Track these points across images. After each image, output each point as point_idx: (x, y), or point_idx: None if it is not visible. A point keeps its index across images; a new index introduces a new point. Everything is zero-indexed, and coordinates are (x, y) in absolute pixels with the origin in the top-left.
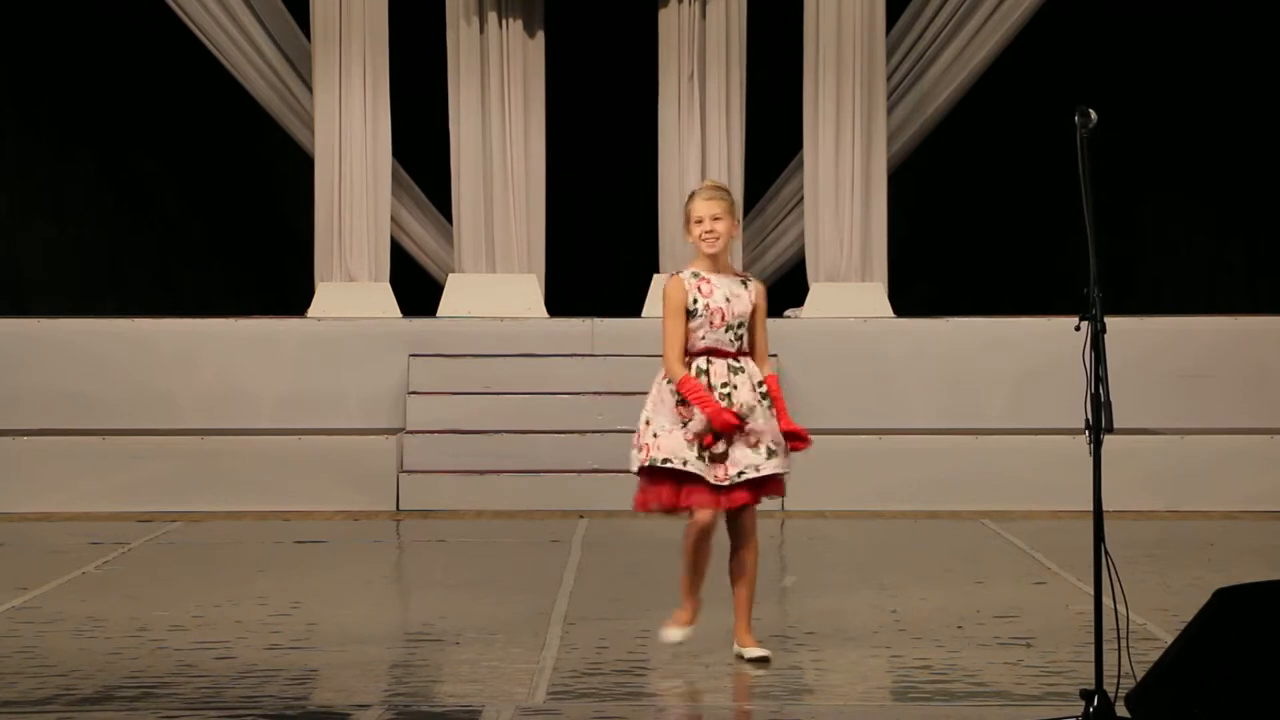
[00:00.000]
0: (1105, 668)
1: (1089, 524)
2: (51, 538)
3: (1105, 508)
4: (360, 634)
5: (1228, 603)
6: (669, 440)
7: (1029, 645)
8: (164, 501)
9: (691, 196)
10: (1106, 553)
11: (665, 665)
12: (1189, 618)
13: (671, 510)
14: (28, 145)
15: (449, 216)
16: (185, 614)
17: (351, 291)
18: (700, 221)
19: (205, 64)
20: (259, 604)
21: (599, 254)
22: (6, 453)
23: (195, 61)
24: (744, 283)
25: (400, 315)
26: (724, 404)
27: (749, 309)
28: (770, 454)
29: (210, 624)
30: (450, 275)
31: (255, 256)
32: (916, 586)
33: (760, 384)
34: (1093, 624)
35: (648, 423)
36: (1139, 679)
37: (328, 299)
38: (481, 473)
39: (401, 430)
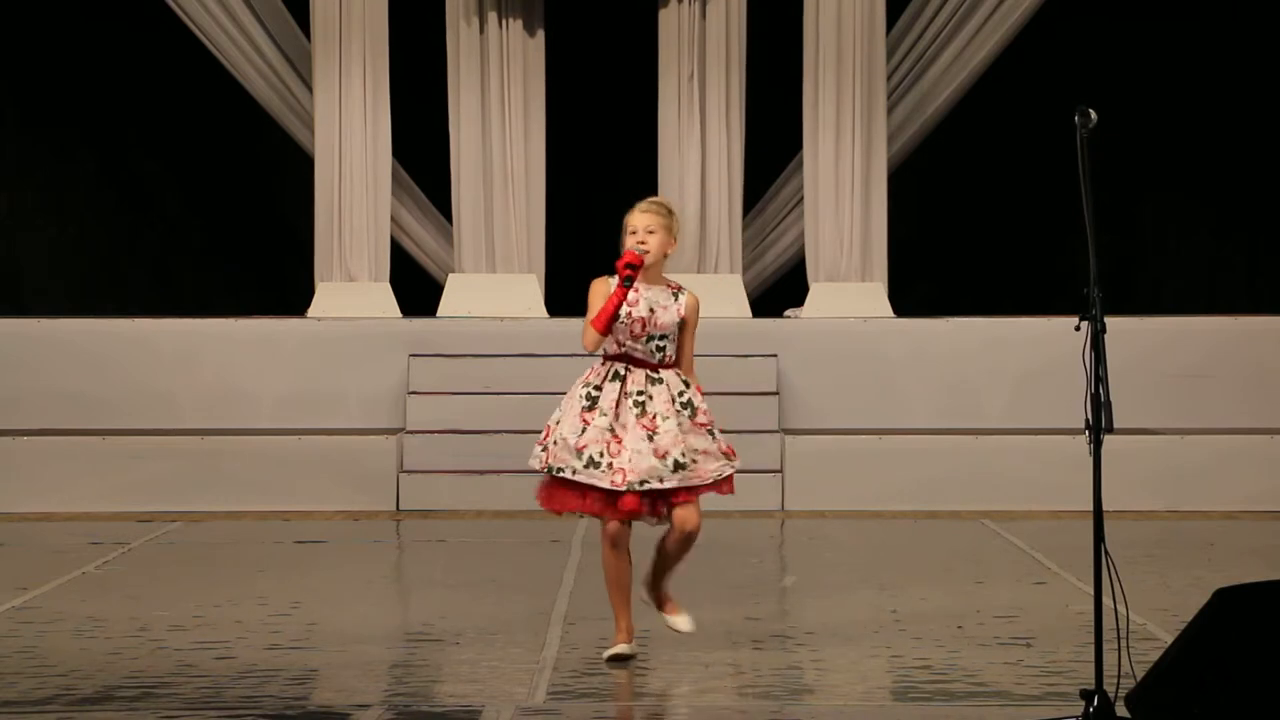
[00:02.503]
0: (1105, 668)
1: (1089, 524)
2: (51, 538)
3: (1105, 508)
4: (360, 634)
5: (1228, 603)
6: (562, 449)
7: (1029, 645)
8: (164, 501)
9: (631, 209)
10: (1106, 553)
11: (665, 665)
12: (1189, 618)
13: (578, 513)
14: (28, 145)
15: (449, 216)
16: (185, 614)
17: (351, 291)
18: (634, 232)
19: (205, 64)
20: (259, 604)
21: (599, 254)
22: (6, 453)
23: (195, 61)
24: (675, 295)
25: (400, 315)
26: (636, 412)
27: (675, 320)
28: (678, 467)
29: (210, 624)
30: (450, 275)
31: (255, 256)
32: (916, 586)
33: (681, 394)
34: (1093, 624)
35: (556, 423)
36: (1139, 679)
37: (328, 299)
38: (481, 473)
39: (401, 430)
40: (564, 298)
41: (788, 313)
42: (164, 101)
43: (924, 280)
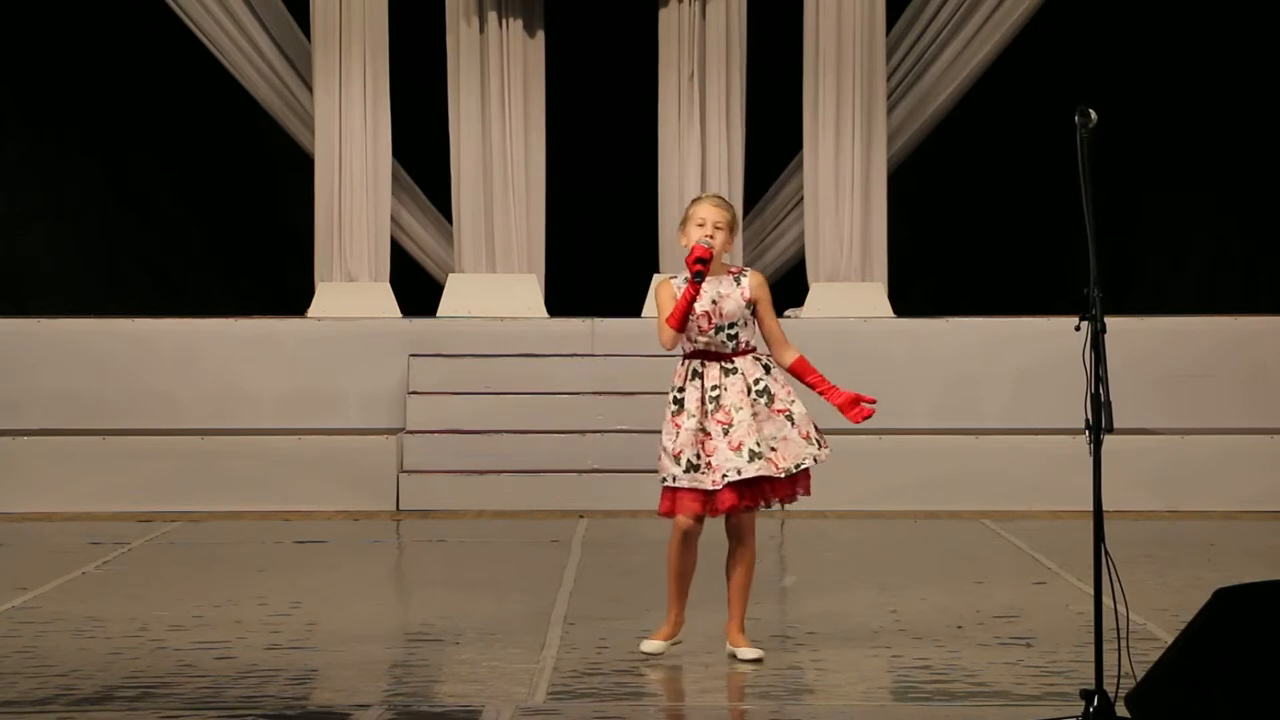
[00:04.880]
0: (1105, 668)
1: (1089, 524)
2: (51, 538)
3: (1105, 508)
4: (360, 634)
5: (1228, 603)
6: (665, 457)
7: (1029, 645)
8: (164, 501)
9: (698, 200)
10: (1106, 553)
11: (665, 665)
12: (1189, 618)
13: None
14: (28, 145)
15: (449, 216)
16: (185, 614)
17: (351, 291)
18: (702, 224)
19: (205, 64)
20: (259, 604)
21: (599, 254)
22: (6, 453)
23: (195, 62)
24: (737, 279)
25: (400, 315)
26: (712, 407)
27: (741, 305)
28: (754, 456)
29: (210, 624)
30: (450, 275)
31: (255, 256)
32: (916, 586)
33: (758, 382)
34: (1093, 624)
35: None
36: (1139, 679)
37: (328, 299)
38: (481, 473)
39: (401, 430)
40: (564, 298)
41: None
42: (164, 101)
43: (924, 280)
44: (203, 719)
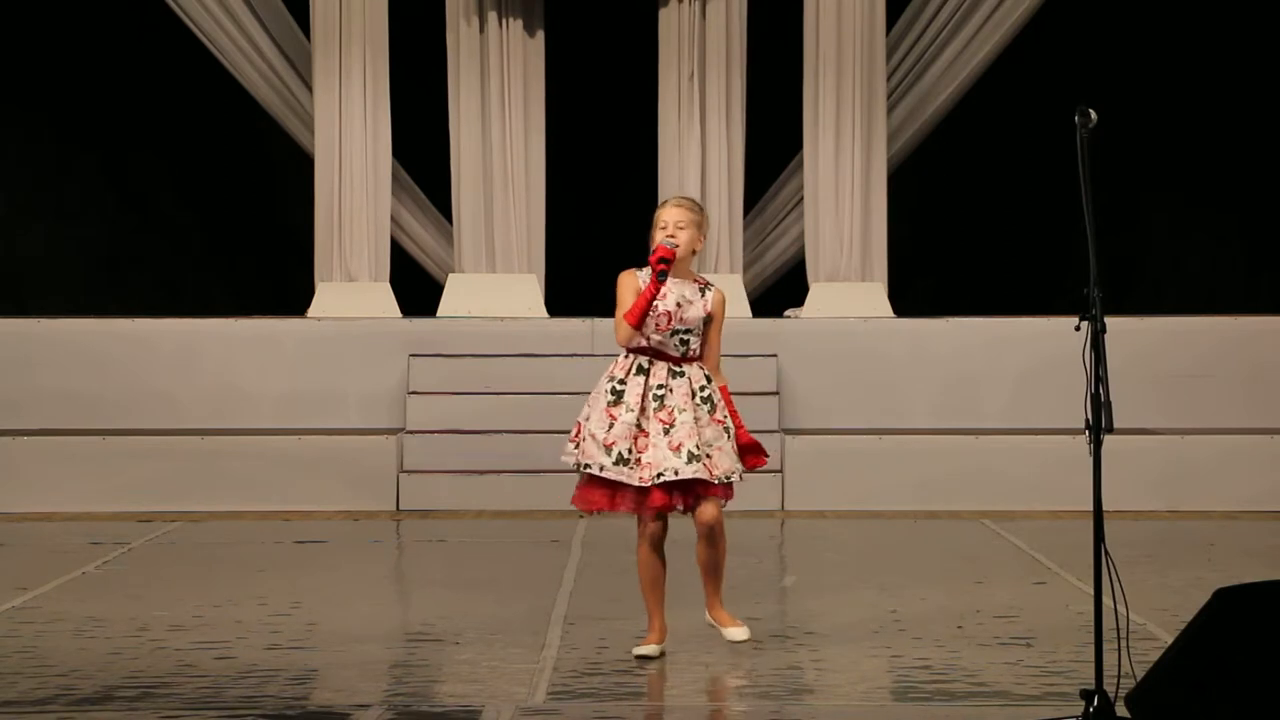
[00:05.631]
0: (1105, 668)
1: (1089, 524)
2: (51, 538)
3: (1105, 508)
4: (360, 634)
5: (1228, 603)
6: (591, 445)
7: (1029, 645)
8: (164, 501)
9: (663, 204)
10: (1106, 553)
11: (665, 665)
12: (1189, 618)
13: (611, 511)
14: (28, 145)
15: (449, 216)
16: (185, 614)
17: (351, 291)
18: (664, 227)
19: (205, 64)
20: (259, 604)
21: (599, 254)
22: (6, 453)
23: (195, 62)
24: (702, 290)
25: (400, 315)
26: (655, 406)
27: (702, 316)
28: (692, 458)
29: (210, 624)
30: (450, 275)
31: (255, 256)
32: (916, 586)
33: (702, 389)
34: (1093, 624)
35: (586, 419)
36: (1139, 679)
37: (328, 299)
38: (481, 473)
39: (401, 430)
40: (564, 298)
41: (788, 313)
42: (164, 101)
43: (924, 280)
44: (203, 719)
